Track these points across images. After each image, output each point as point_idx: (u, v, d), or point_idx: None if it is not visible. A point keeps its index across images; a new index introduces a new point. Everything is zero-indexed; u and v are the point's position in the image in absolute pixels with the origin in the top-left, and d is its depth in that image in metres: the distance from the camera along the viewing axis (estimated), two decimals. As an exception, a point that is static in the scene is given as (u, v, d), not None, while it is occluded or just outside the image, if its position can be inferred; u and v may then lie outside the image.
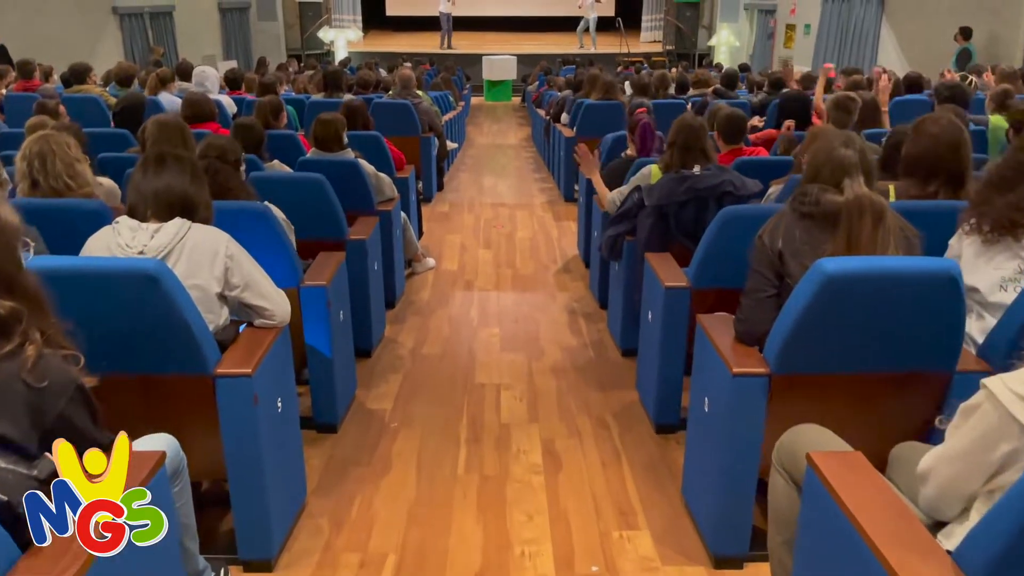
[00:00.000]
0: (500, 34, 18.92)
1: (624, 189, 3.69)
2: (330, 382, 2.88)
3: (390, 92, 6.68)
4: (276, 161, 4.17)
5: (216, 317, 2.05)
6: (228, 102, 6.44)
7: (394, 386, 3.40)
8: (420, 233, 5.52)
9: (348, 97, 6.42)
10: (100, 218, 2.45)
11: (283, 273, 2.66)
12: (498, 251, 5.56)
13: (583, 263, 5.20)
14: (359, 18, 18.04)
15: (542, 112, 10.30)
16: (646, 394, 3.11)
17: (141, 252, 1.96)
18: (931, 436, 1.82)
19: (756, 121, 5.51)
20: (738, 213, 2.65)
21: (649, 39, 18.29)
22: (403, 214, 4.73)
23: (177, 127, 3.41)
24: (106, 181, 3.78)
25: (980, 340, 2.06)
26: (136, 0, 12.84)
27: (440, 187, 7.28)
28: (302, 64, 14.09)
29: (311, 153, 4.20)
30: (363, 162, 4.17)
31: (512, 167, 9.19)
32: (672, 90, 6.97)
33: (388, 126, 6.27)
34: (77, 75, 7.31)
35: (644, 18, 18.39)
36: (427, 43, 17.05)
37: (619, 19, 16.90)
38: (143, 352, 1.91)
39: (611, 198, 3.79)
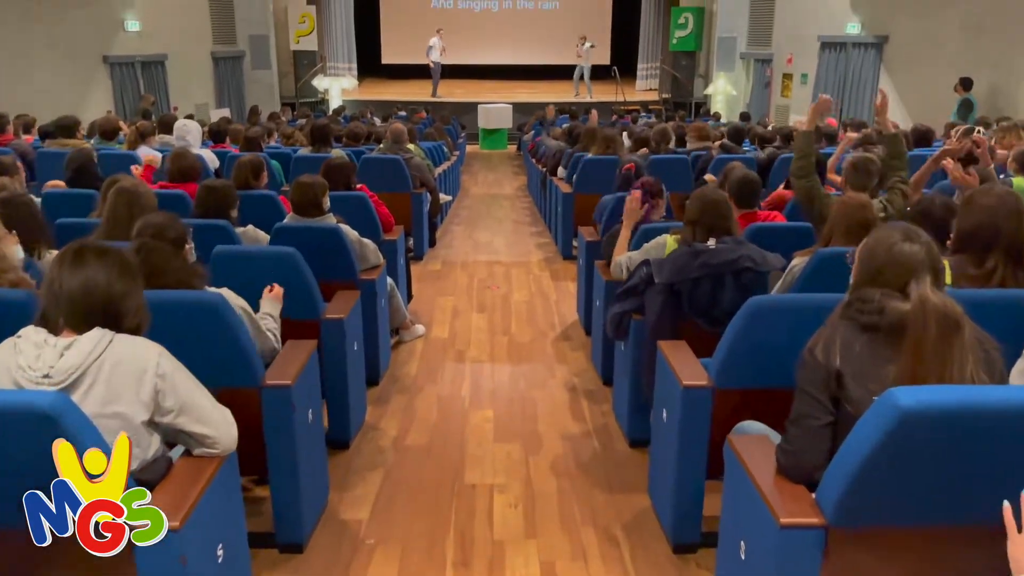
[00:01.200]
0: (495, 82, 18.89)
1: (635, 255, 3.35)
2: (295, 495, 2.49)
3: (381, 146, 6.39)
4: (251, 227, 3.84)
5: (142, 451, 1.67)
6: (210, 157, 6.13)
7: (373, 487, 3.00)
8: (409, 297, 5.17)
9: (335, 152, 6.13)
10: (24, 314, 2.08)
11: (238, 374, 2.29)
12: (493, 315, 5.20)
13: (583, 330, 4.85)
14: (354, 66, 17.99)
15: (538, 164, 10.07)
16: (661, 503, 2.72)
17: (47, 376, 1.59)
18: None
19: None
20: (769, 304, 2.29)
21: (645, 87, 18.25)
22: (390, 280, 4.38)
23: (133, 195, 3.07)
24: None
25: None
26: (127, 49, 12.70)
27: (432, 243, 6.96)
28: (295, 112, 13.94)
29: (288, 219, 3.87)
30: (345, 228, 3.83)
31: (508, 219, 8.90)
32: (672, 144, 6.71)
33: (378, 182, 5.97)
34: (64, 128, 7.01)
35: (639, 66, 18.39)
36: (423, 91, 16.96)
37: (614, 68, 16.86)
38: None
39: (619, 261, 3.45)
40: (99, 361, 1.61)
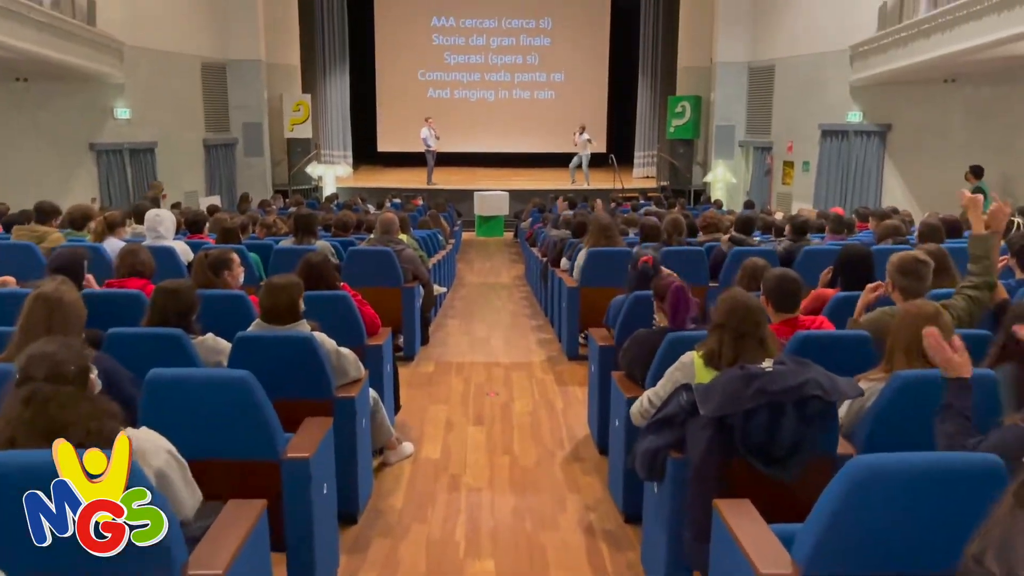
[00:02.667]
0: (492, 170, 18.77)
1: (658, 391, 2.74)
2: None
3: (371, 236, 5.89)
4: (210, 336, 3.26)
5: None
6: (183, 249, 5.62)
7: None
8: (397, 407, 4.55)
9: (320, 244, 5.63)
10: None
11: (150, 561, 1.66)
12: (492, 429, 4.56)
13: (596, 447, 4.21)
14: (349, 154, 17.87)
15: (537, 251, 9.62)
16: None
17: None
18: None
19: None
20: (881, 470, 1.69)
21: (642, 175, 18.14)
22: (373, 393, 3.78)
23: (54, 303, 2.51)
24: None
25: None
26: (116, 136, 12.44)
27: (425, 340, 6.37)
28: (287, 200, 13.61)
29: (254, 326, 3.29)
30: (321, 337, 3.25)
31: (506, 311, 8.35)
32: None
33: (366, 276, 5.46)
34: (41, 213, 6.51)
35: (637, 154, 18.32)
36: (419, 178, 16.75)
37: (611, 156, 16.74)
38: None
39: (641, 404, 2.84)
40: None
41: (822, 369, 2.44)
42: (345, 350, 3.33)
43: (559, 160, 18.86)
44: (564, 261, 6.55)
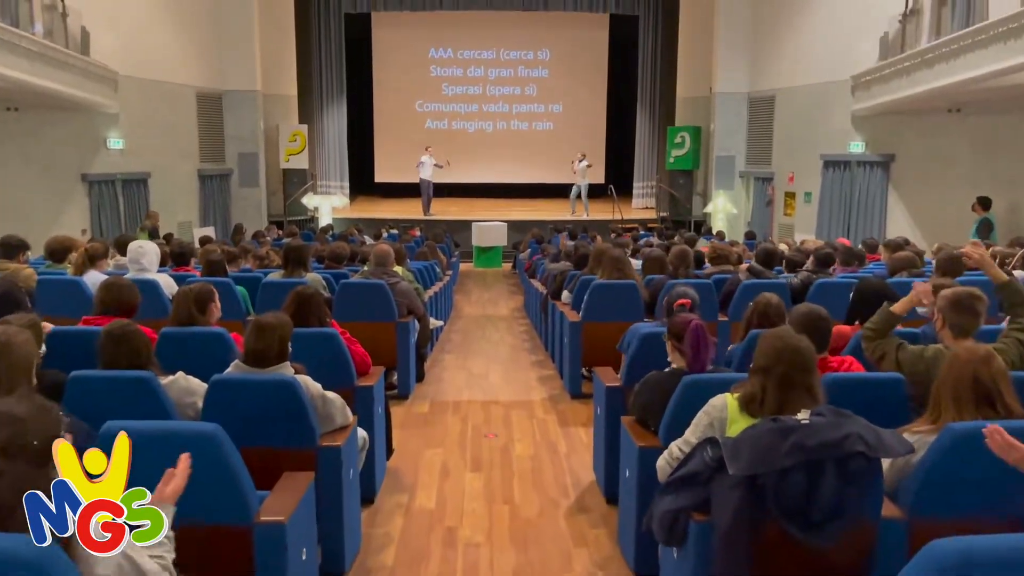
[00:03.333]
0: (490, 200, 18.61)
1: (692, 438, 2.45)
2: None
3: (364, 269, 5.63)
4: (180, 375, 3.00)
5: None
6: (167, 283, 5.37)
7: None
8: (389, 451, 4.25)
9: (311, 277, 5.37)
10: None
11: None
12: (490, 475, 4.26)
13: (603, 496, 3.91)
14: (346, 184, 17.71)
15: (536, 283, 9.38)
16: None
17: None
18: None
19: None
20: (975, 556, 1.40)
21: (641, 205, 17.98)
22: (363, 435, 3.49)
23: (3, 348, 2.24)
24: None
25: None
26: (108, 167, 12.26)
27: (420, 377, 6.08)
28: (282, 231, 13.39)
29: (233, 368, 3.01)
30: (305, 380, 2.98)
31: (505, 345, 8.07)
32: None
33: (359, 310, 5.20)
34: (6, 248, 6.26)
35: (635, 185, 18.18)
36: (416, 209, 16.58)
37: (611, 186, 16.59)
38: None
39: (670, 455, 2.54)
40: None
41: (864, 421, 2.17)
42: (332, 395, 3.05)
43: (557, 191, 18.72)
44: (565, 294, 6.30)
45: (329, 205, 16.31)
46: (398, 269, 5.72)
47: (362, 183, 19.00)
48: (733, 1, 14.85)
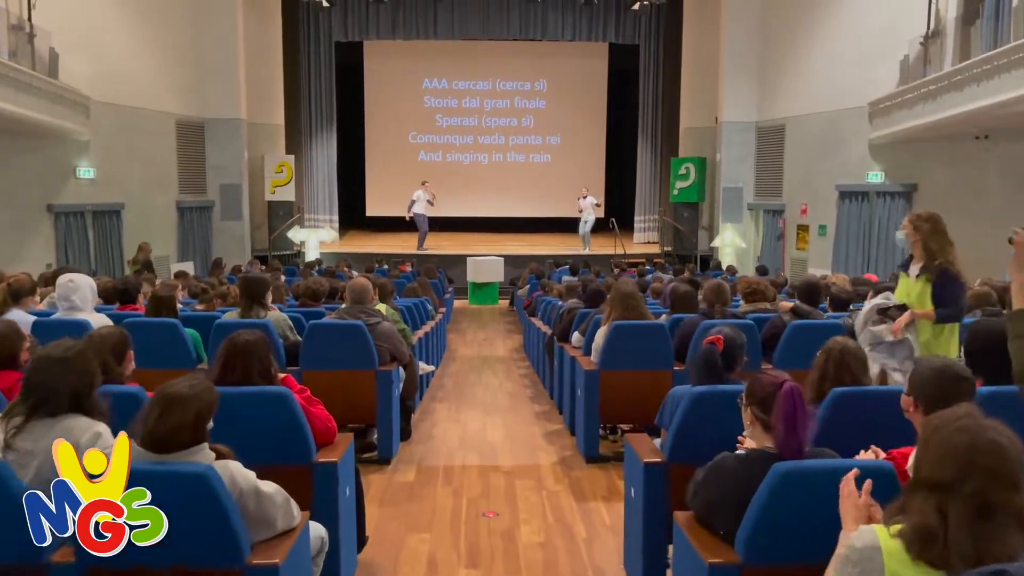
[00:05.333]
0: (485, 234, 17.84)
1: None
2: None
3: (341, 307, 4.75)
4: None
5: None
6: (100, 322, 4.50)
7: None
8: (362, 541, 3.34)
9: (272, 316, 4.50)
10: None
11: None
12: (491, 570, 3.34)
13: (637, 603, 3.00)
14: (335, 218, 16.91)
15: (538, 322, 8.52)
16: None
17: None
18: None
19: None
20: None
21: (643, 240, 17.21)
22: (322, 533, 2.60)
23: None
24: None
25: None
26: (77, 197, 11.44)
27: (406, 435, 5.16)
28: (264, 267, 12.55)
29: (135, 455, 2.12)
30: (230, 472, 2.09)
31: (504, 392, 7.18)
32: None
33: (331, 357, 4.33)
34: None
35: (637, 218, 17.44)
36: (410, 244, 15.74)
37: (612, 220, 15.84)
38: None
39: None
40: None
41: None
42: (270, 488, 2.16)
43: (555, 225, 17.98)
44: (576, 336, 5.42)
45: (317, 239, 15.49)
46: (380, 307, 4.84)
47: (353, 217, 18.22)
48: (740, 28, 14.27)
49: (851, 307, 4.89)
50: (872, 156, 11.87)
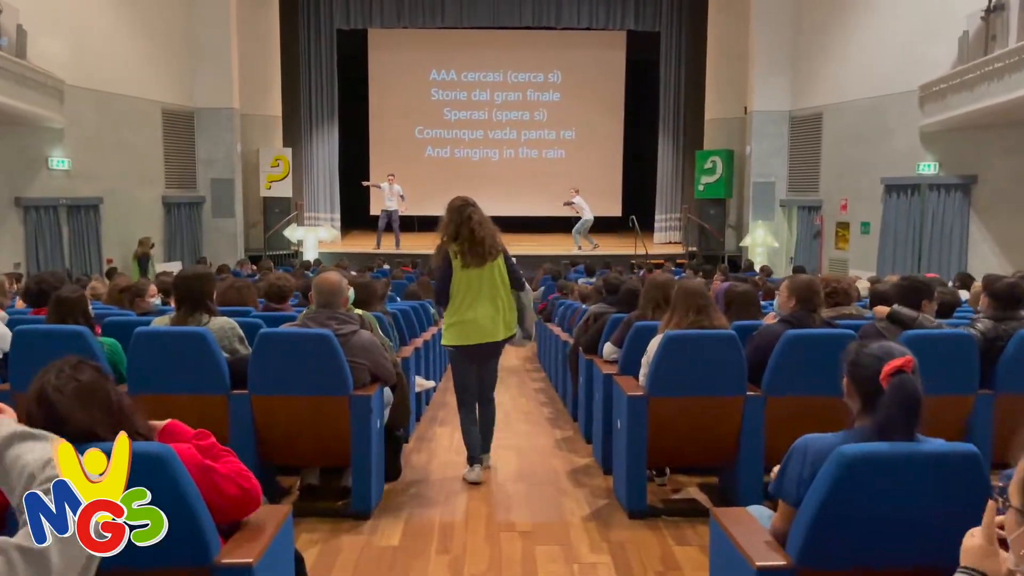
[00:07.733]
0: (496, 234, 16.72)
1: None
2: None
3: (304, 312, 3.66)
4: None
5: None
6: (4, 334, 3.48)
7: None
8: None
9: (215, 323, 3.42)
10: None
11: None
12: None
13: None
14: (336, 216, 15.90)
15: (555, 328, 7.43)
16: None
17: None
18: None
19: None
20: None
21: (665, 239, 16.09)
22: None
23: None
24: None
25: None
26: (49, 191, 10.47)
27: (394, 475, 4.03)
28: (256, 266, 11.53)
29: None
30: None
31: (517, 413, 6.09)
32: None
33: (289, 378, 3.25)
34: None
35: (658, 217, 16.32)
36: (415, 244, 14.68)
37: (632, 217, 14.73)
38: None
39: None
40: None
41: None
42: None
43: (570, 224, 16.87)
44: (608, 347, 4.31)
45: (315, 238, 14.46)
46: (358, 312, 3.75)
47: (355, 216, 17.17)
48: (771, 9, 13.15)
49: (976, 312, 3.77)
50: (924, 145, 10.72)
